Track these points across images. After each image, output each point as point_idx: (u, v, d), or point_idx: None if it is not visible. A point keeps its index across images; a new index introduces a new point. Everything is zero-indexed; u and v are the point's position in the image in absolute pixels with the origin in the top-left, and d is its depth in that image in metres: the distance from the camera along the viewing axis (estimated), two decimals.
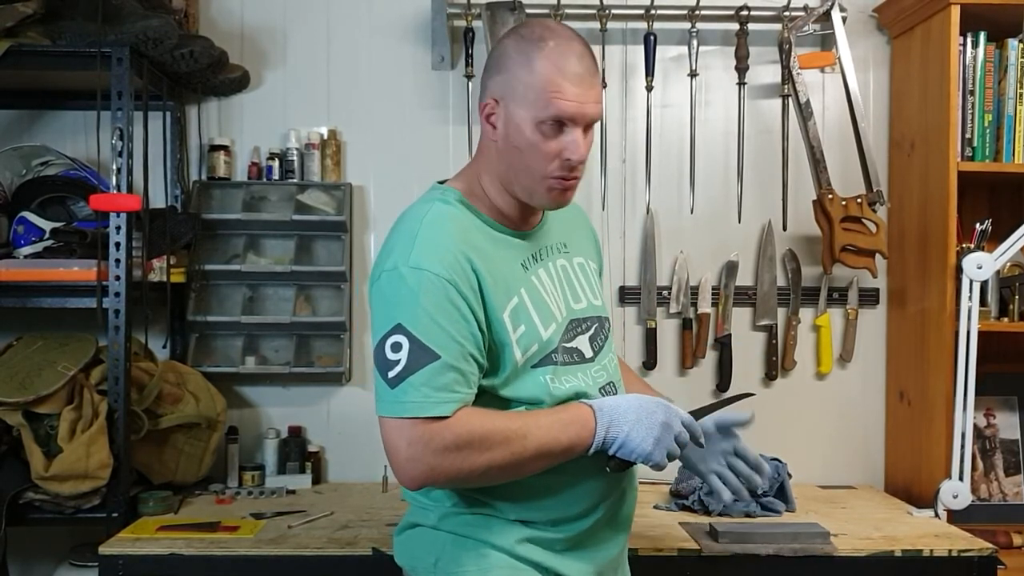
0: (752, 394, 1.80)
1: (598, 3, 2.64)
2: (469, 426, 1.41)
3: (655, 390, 1.75)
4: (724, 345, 2.75)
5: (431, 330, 1.41)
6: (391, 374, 1.41)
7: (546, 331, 1.52)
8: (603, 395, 1.56)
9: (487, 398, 1.49)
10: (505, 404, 1.50)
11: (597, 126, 1.54)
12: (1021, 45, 2.49)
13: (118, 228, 2.24)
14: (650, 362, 2.73)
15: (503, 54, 1.51)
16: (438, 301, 1.42)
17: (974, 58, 2.49)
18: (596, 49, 2.64)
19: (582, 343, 1.58)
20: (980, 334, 2.33)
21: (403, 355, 1.40)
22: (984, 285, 2.42)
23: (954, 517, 2.37)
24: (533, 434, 1.43)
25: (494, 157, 1.54)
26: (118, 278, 2.25)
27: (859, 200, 2.60)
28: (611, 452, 1.48)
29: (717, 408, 1.67)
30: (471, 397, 1.45)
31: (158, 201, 2.61)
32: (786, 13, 2.65)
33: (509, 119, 1.49)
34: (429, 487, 1.51)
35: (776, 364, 2.77)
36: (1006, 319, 2.55)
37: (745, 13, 2.66)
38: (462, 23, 2.67)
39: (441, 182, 1.61)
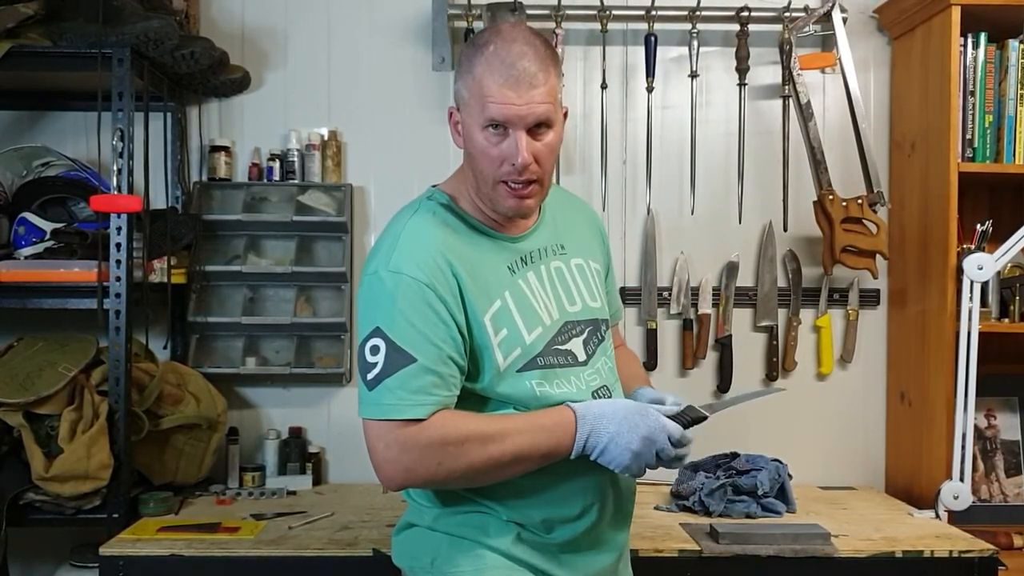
0: (783, 389, 1.79)
1: (599, 4, 2.64)
2: (445, 429, 1.42)
3: (651, 384, 1.74)
4: (725, 346, 2.75)
5: (408, 333, 1.42)
6: (369, 376, 1.43)
7: (530, 335, 1.52)
8: (595, 398, 1.56)
9: (473, 400, 1.50)
10: (492, 406, 1.51)
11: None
12: (1022, 46, 2.49)
13: (119, 229, 2.24)
14: (651, 363, 2.73)
15: (460, 62, 1.53)
16: (415, 304, 1.43)
17: (975, 59, 2.49)
18: (596, 50, 2.67)
19: (575, 346, 1.57)
20: (981, 335, 2.33)
21: (380, 358, 1.42)
22: (985, 286, 2.42)
23: (955, 518, 2.37)
24: (511, 438, 1.44)
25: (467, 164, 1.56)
26: (119, 279, 2.25)
27: (860, 201, 2.60)
28: (591, 458, 1.47)
29: (740, 402, 1.67)
30: (451, 399, 1.46)
31: (159, 202, 2.61)
32: (787, 14, 2.64)
33: (464, 125, 1.51)
34: (408, 487, 1.53)
35: (777, 365, 2.76)
36: (1007, 320, 2.55)
37: (746, 14, 2.66)
38: (463, 24, 2.67)
39: (435, 185, 1.62)
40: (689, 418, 1.54)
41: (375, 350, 1.43)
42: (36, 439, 2.19)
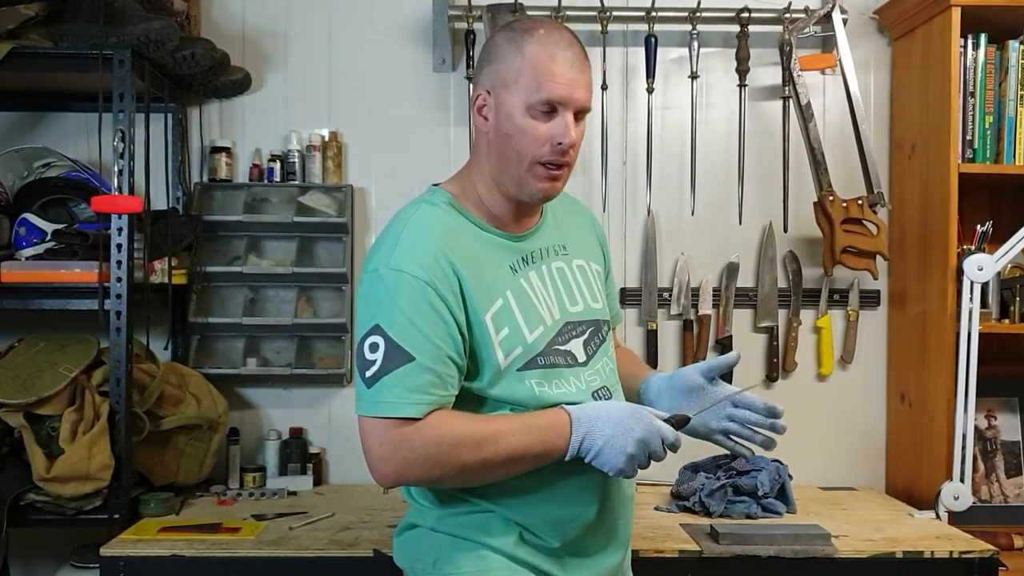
0: (753, 386, 1.80)
1: (599, 5, 2.65)
2: (440, 429, 1.42)
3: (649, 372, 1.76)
4: (725, 347, 2.75)
5: (407, 331, 1.43)
6: (368, 374, 1.43)
7: (531, 334, 1.52)
8: (595, 399, 1.56)
9: (472, 400, 1.50)
10: (490, 406, 1.51)
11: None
12: (1022, 47, 2.49)
13: (120, 230, 2.24)
14: (651, 364, 2.72)
15: (494, 46, 1.54)
16: (416, 303, 1.43)
17: (975, 60, 2.49)
18: (597, 51, 2.67)
19: (575, 346, 1.58)
20: (981, 336, 2.33)
21: (379, 355, 1.43)
22: (985, 287, 2.42)
23: (955, 519, 2.37)
24: (506, 439, 1.44)
25: (485, 152, 1.56)
26: (119, 280, 2.25)
27: (860, 202, 2.60)
28: (586, 460, 1.47)
29: (719, 402, 1.66)
30: (448, 399, 1.46)
31: (159, 203, 2.61)
32: (787, 15, 2.65)
33: (500, 107, 1.51)
34: (401, 485, 1.53)
35: (777, 366, 2.77)
36: (1007, 321, 2.55)
37: (746, 15, 2.66)
38: (463, 25, 2.67)
39: (436, 184, 1.62)
40: (675, 420, 1.54)
41: (374, 347, 1.43)
42: (37, 440, 2.19)
